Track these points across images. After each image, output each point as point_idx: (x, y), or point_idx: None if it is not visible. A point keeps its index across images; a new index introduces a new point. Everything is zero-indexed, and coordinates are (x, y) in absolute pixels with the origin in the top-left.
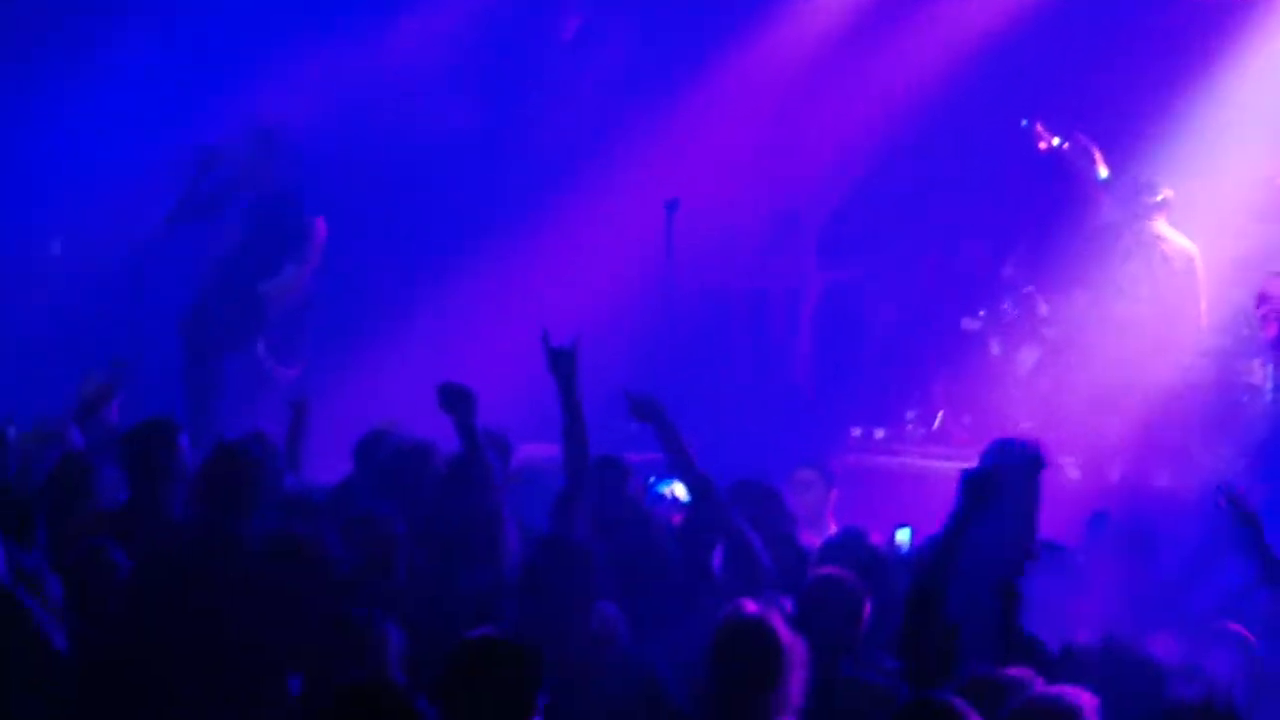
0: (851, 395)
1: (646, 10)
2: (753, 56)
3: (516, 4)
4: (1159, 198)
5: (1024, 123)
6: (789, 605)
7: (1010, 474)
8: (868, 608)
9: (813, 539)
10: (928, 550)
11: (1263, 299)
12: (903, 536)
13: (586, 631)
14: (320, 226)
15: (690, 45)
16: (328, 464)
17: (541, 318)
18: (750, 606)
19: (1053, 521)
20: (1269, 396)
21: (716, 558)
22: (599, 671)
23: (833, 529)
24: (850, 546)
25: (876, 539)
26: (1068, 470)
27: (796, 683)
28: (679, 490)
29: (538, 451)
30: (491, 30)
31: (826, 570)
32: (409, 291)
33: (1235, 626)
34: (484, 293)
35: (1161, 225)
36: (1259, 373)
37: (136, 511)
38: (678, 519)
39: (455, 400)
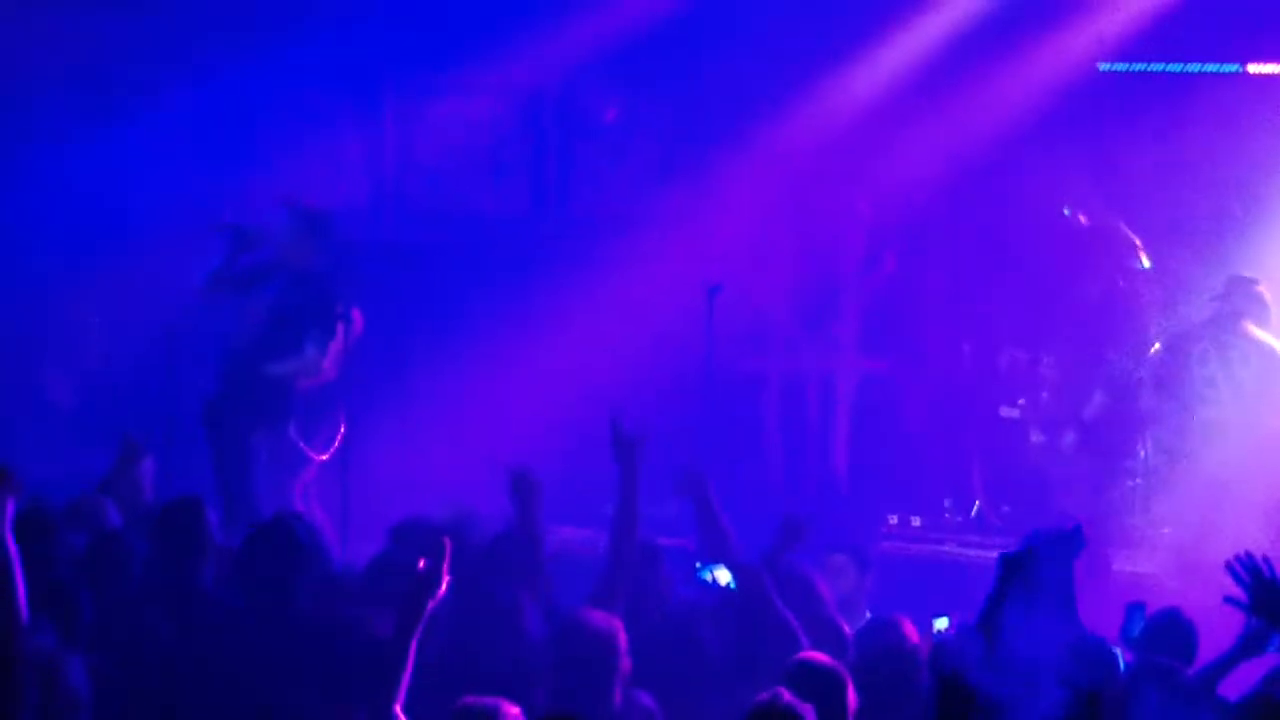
0: (888, 483)
1: (683, 96)
2: (789, 142)
3: (557, 91)
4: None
5: (1066, 211)
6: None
7: (1049, 557)
8: (851, 695)
9: (845, 626)
10: (963, 636)
11: None
12: (941, 624)
13: (612, 714)
14: (357, 317)
15: (727, 130)
16: (365, 545)
17: (578, 403)
18: (785, 695)
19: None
20: None
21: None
22: None
23: (867, 616)
24: (883, 634)
25: (911, 628)
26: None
27: None
28: (723, 575)
29: (570, 534)
30: (531, 115)
31: (804, 656)
32: (446, 376)
33: None
34: (521, 377)
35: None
36: None
37: (171, 588)
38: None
39: (526, 488)
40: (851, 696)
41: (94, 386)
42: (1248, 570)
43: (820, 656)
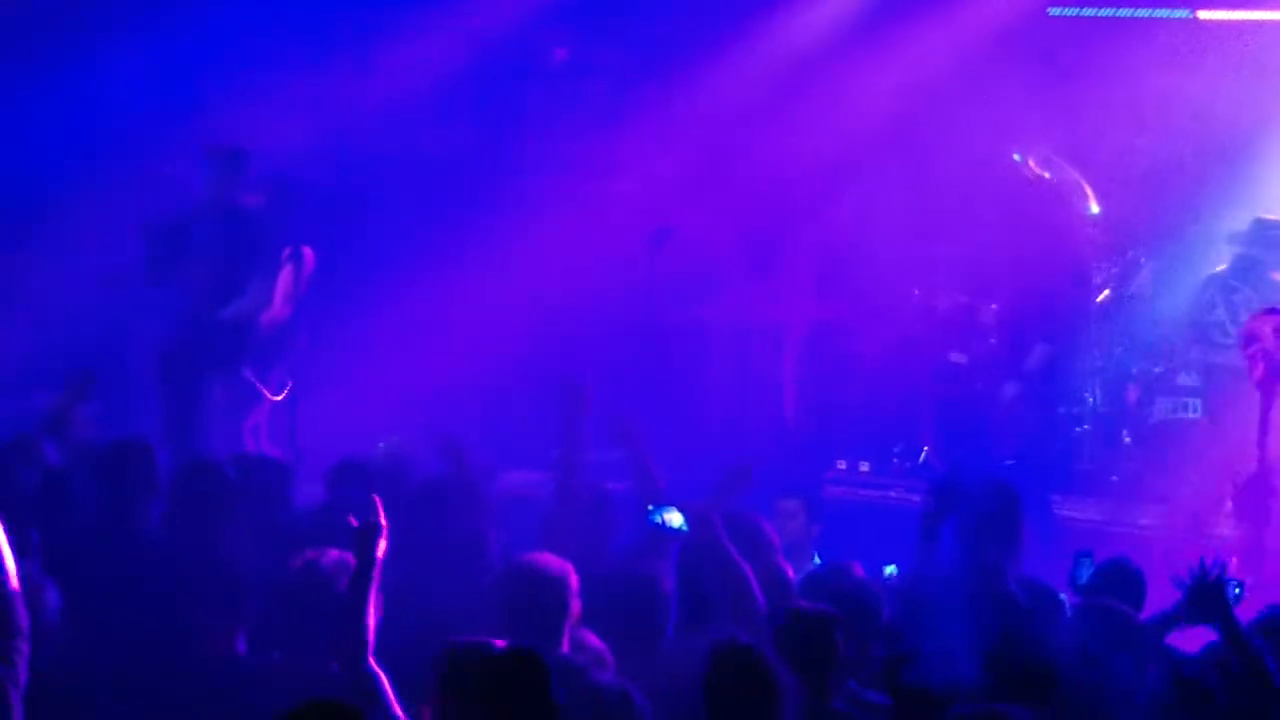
0: (837, 428)
1: (634, 40)
2: (739, 88)
3: (505, 33)
4: None
5: (1016, 157)
6: None
7: (985, 502)
8: (840, 641)
9: (793, 570)
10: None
11: (1249, 338)
12: (891, 570)
13: (558, 657)
14: (308, 255)
15: (677, 76)
16: (312, 488)
17: (525, 347)
18: (742, 637)
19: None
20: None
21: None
22: (568, 699)
23: (815, 561)
24: (833, 578)
25: (859, 572)
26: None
27: (788, 714)
28: (675, 518)
29: (516, 478)
30: (479, 59)
31: (799, 605)
32: (391, 319)
33: None
34: (468, 320)
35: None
36: None
37: (116, 528)
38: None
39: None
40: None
41: (43, 326)
42: (1193, 574)
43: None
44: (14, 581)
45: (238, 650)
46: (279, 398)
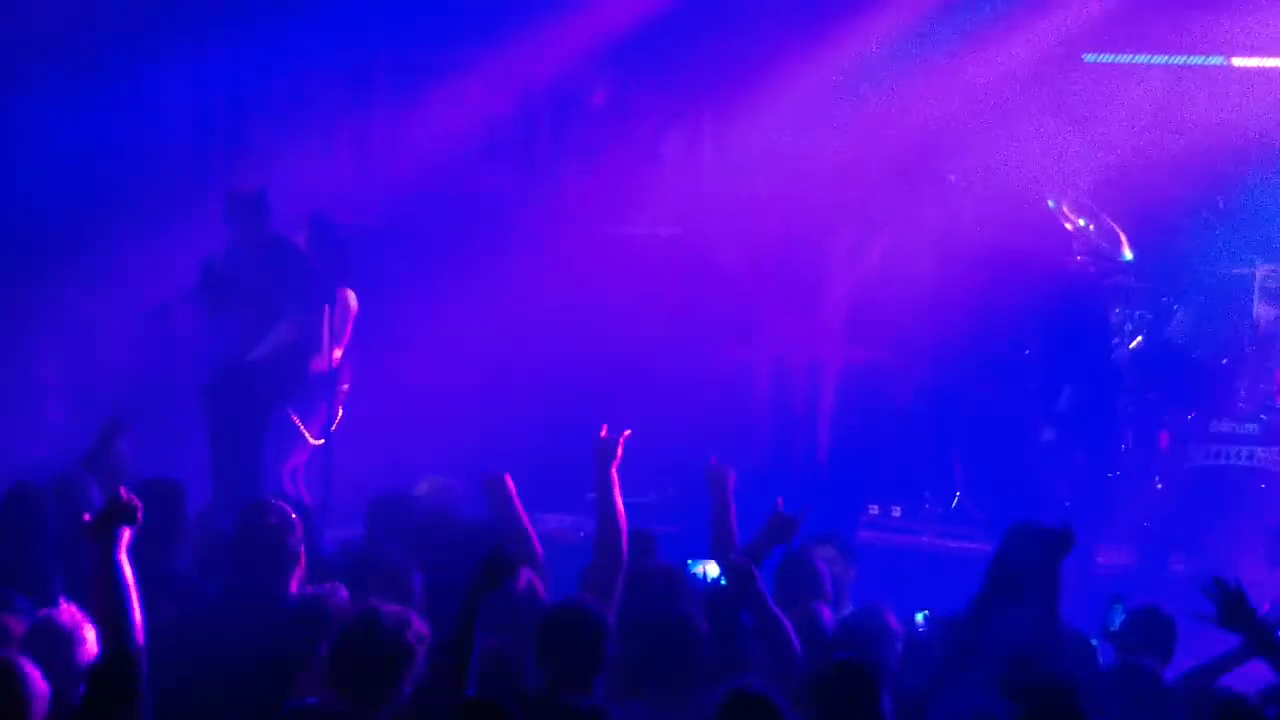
0: (870, 472)
1: (670, 79)
2: (774, 131)
3: (550, 73)
4: None
5: (1051, 203)
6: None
7: (1033, 560)
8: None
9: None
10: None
11: None
12: (920, 618)
13: (588, 695)
14: (351, 298)
15: (712, 118)
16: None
17: (563, 387)
18: (754, 684)
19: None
20: None
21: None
22: None
23: (849, 606)
24: (868, 623)
25: (893, 617)
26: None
27: None
28: (712, 570)
29: (553, 523)
30: (520, 101)
31: (842, 655)
32: (433, 361)
33: None
34: (510, 363)
35: None
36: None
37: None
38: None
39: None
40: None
41: (86, 365)
42: (1217, 585)
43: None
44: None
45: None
46: (320, 441)
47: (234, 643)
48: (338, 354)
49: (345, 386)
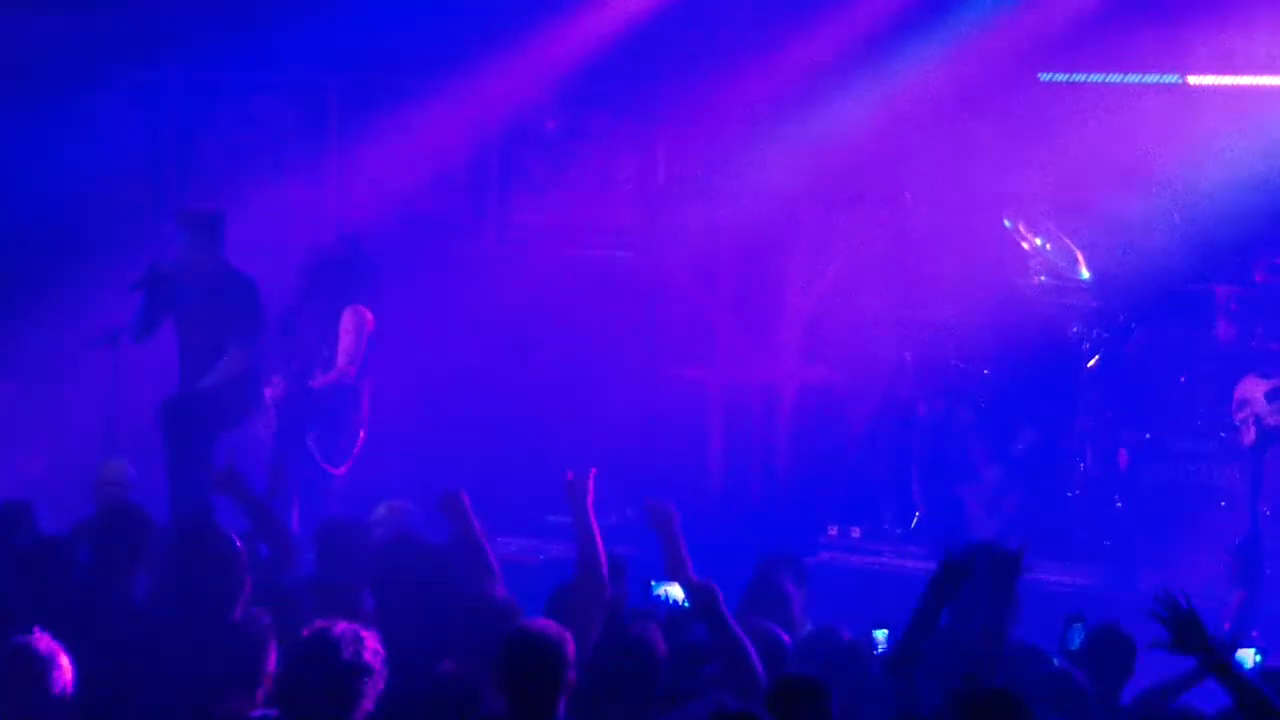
0: (828, 493)
1: (623, 104)
2: (732, 154)
3: (500, 101)
4: None
5: (1007, 222)
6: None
7: (984, 572)
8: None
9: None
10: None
11: (1241, 403)
12: (880, 635)
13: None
14: (368, 316)
15: (669, 138)
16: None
17: (521, 409)
18: (733, 704)
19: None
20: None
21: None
22: None
23: (807, 627)
24: (825, 643)
25: (847, 636)
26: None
27: None
28: (676, 592)
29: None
30: (477, 126)
31: (789, 673)
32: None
33: None
34: (463, 383)
35: None
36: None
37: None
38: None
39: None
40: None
41: (34, 394)
42: (1167, 607)
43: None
44: None
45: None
46: (341, 470)
47: (168, 663)
48: (352, 372)
49: (364, 411)
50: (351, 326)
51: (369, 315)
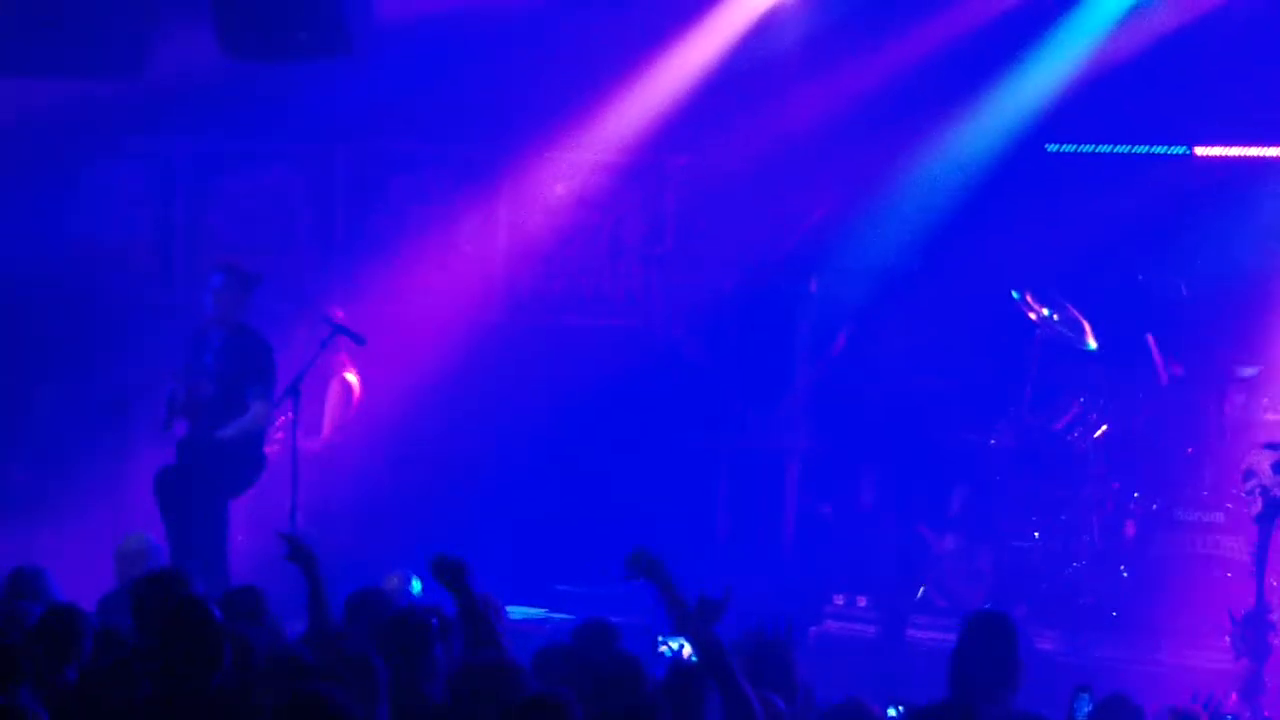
0: (834, 562)
1: (629, 174)
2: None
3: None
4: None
5: (1015, 294)
6: None
7: (993, 650)
8: None
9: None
10: None
11: (1248, 474)
12: (893, 713)
13: None
14: (354, 383)
15: (676, 206)
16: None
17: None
18: None
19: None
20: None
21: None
22: None
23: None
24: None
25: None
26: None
27: None
28: (687, 649)
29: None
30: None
31: None
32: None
33: None
34: (471, 456)
35: None
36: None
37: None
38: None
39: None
40: None
41: (45, 459)
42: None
43: None
44: None
45: None
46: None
47: None
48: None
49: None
50: (339, 396)
51: (354, 385)
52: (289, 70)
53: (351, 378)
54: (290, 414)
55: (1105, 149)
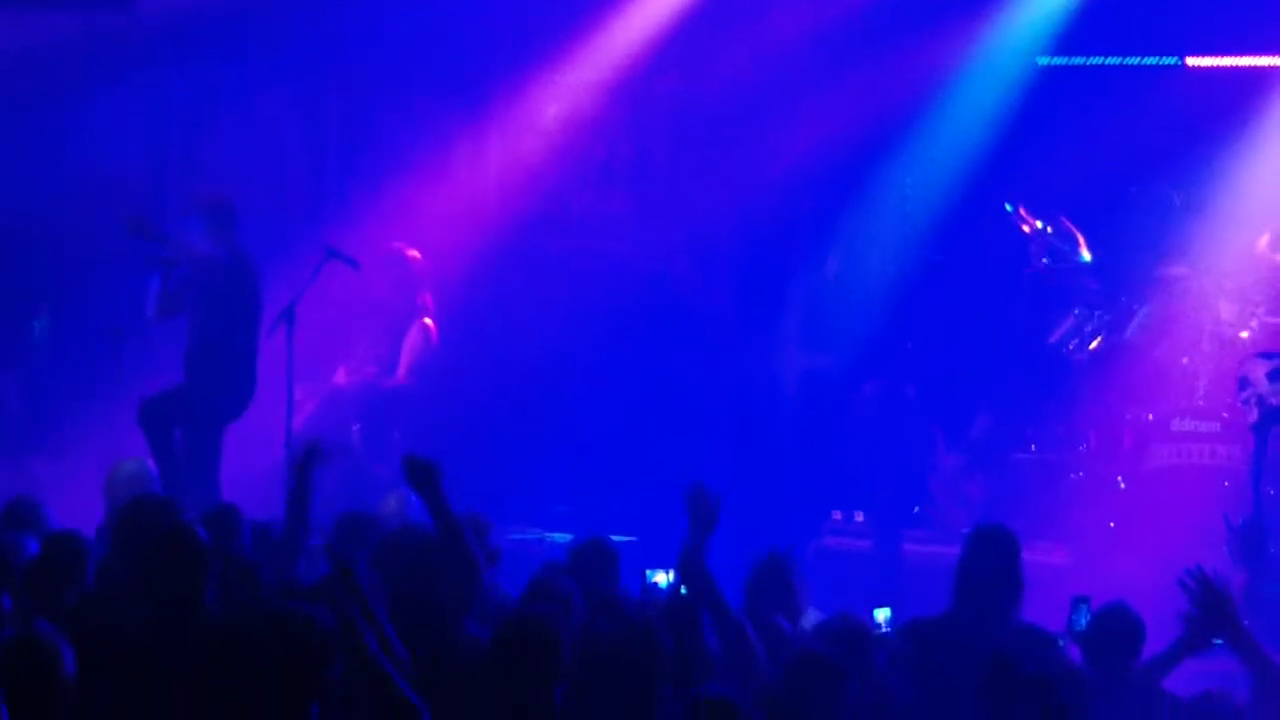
0: (832, 478)
1: (616, 92)
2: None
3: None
4: None
5: (1008, 206)
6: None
7: (997, 561)
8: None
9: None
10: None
11: (1243, 383)
12: (881, 616)
13: (550, 707)
14: (432, 328)
15: (665, 126)
16: None
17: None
18: (722, 689)
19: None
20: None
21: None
22: None
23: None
24: (846, 627)
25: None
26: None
27: None
28: (669, 578)
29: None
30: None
31: (811, 648)
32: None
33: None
34: (461, 373)
35: None
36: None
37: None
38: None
39: (421, 473)
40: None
41: (41, 390)
42: (1199, 583)
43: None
44: None
45: None
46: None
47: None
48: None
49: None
50: (420, 340)
51: (434, 331)
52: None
53: (429, 322)
54: (285, 338)
55: (1097, 61)
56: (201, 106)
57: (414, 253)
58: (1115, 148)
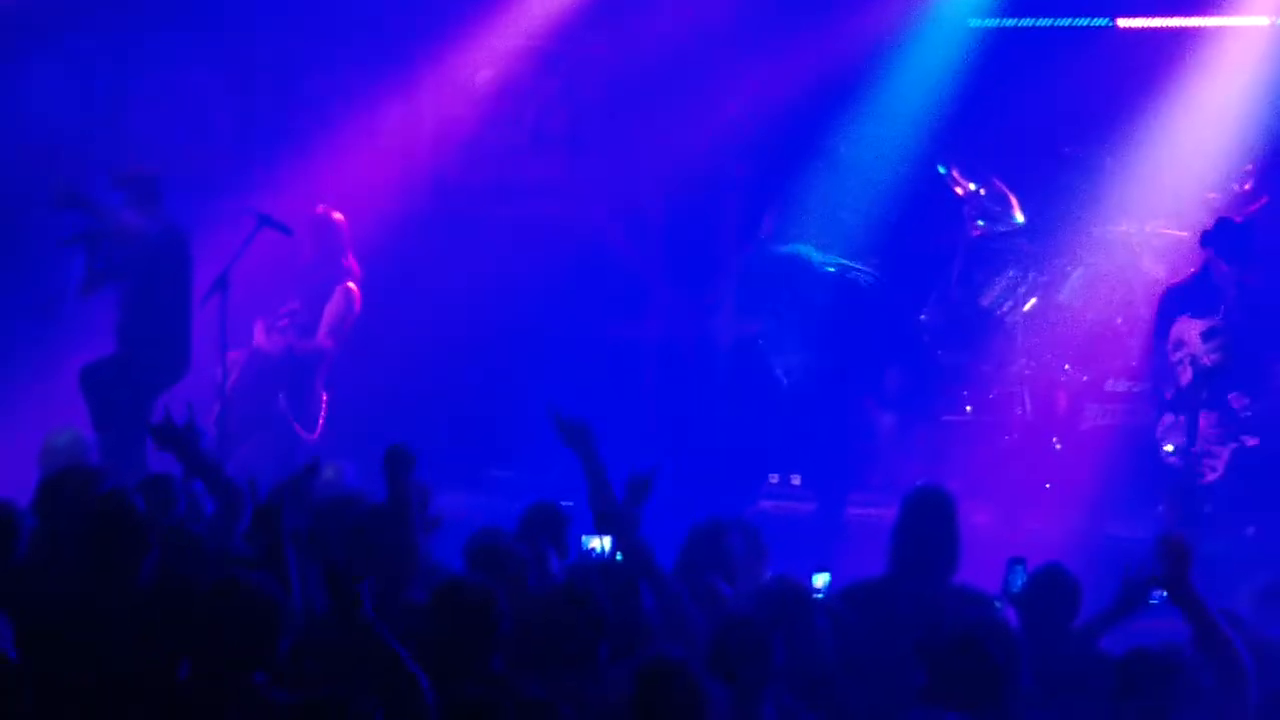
0: (767, 442)
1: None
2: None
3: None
4: None
5: (941, 169)
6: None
7: (933, 524)
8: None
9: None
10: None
11: (1177, 344)
12: (820, 580)
13: (486, 672)
14: (355, 292)
15: (598, 92)
16: None
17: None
18: (671, 652)
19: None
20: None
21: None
22: (496, 714)
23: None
24: (778, 590)
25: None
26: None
27: None
28: (605, 544)
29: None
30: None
31: (737, 614)
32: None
33: None
34: (400, 338)
35: None
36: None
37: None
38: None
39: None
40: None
41: None
42: (1172, 548)
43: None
44: None
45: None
46: (314, 436)
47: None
48: (330, 345)
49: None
50: (342, 304)
51: (358, 294)
52: None
53: (353, 286)
54: (218, 306)
55: (1028, 22)
56: (127, 76)
57: (339, 216)
58: (1047, 109)
